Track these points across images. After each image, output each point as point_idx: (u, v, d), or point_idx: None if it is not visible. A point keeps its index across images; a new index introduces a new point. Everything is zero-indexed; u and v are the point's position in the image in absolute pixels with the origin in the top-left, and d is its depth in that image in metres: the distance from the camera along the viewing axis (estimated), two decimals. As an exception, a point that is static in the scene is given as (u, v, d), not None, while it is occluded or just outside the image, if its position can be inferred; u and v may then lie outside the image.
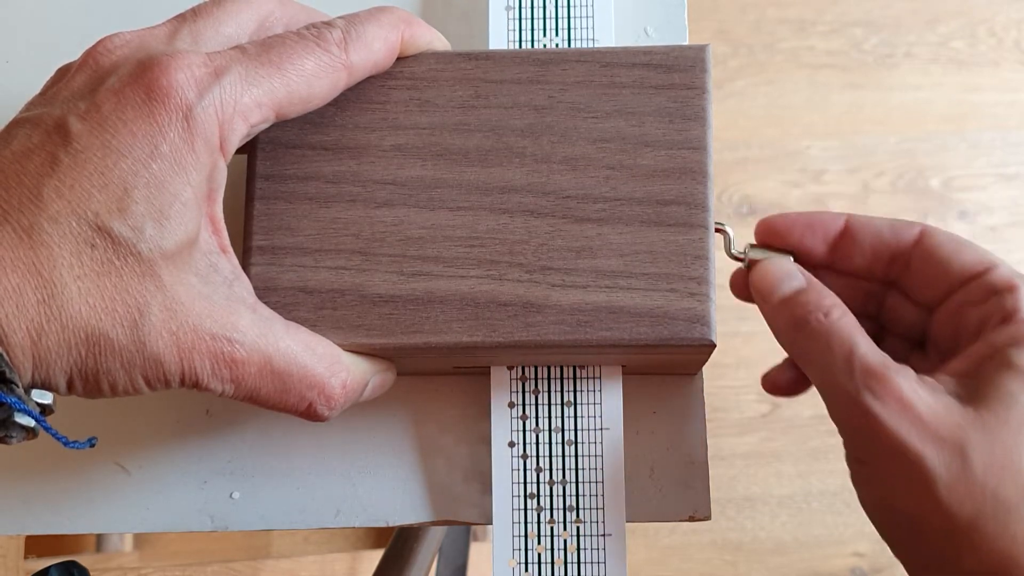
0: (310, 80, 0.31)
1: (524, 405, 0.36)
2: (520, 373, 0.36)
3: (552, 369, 0.36)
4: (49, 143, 0.28)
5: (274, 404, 0.31)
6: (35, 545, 0.81)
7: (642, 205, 0.34)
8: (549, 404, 0.36)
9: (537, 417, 0.36)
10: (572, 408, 0.36)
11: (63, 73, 0.31)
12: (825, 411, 0.32)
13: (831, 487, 1.13)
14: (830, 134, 1.23)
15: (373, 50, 0.33)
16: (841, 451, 0.32)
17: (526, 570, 0.35)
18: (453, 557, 0.83)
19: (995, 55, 1.26)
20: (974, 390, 0.30)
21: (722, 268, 0.34)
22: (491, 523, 0.36)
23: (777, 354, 0.36)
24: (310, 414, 0.32)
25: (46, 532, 0.37)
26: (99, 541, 0.97)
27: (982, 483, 0.28)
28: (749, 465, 1.14)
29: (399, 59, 0.35)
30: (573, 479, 0.35)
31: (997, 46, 1.26)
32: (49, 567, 0.37)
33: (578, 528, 0.35)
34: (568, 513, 0.35)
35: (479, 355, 0.35)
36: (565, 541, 0.35)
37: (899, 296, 0.35)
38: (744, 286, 0.35)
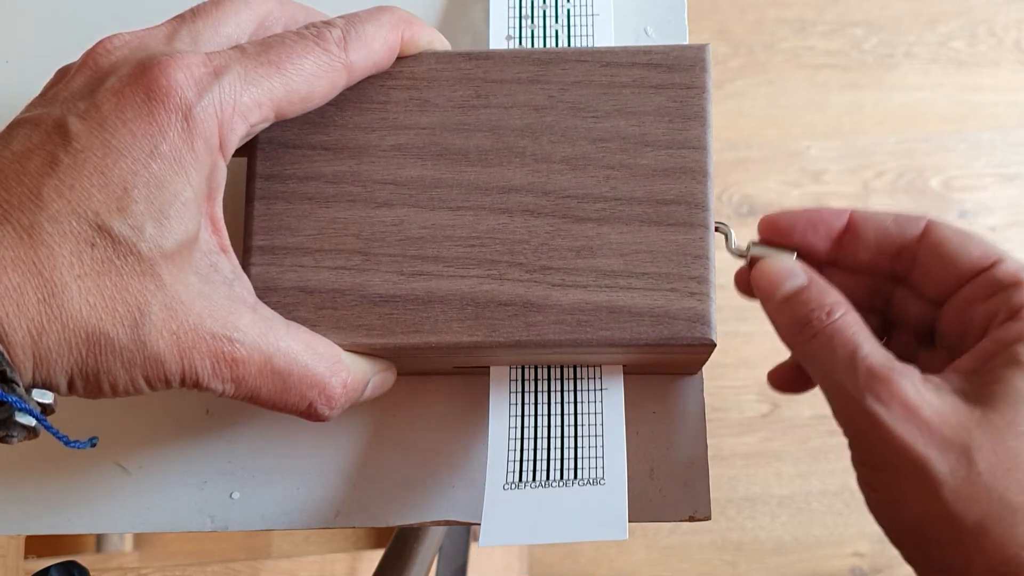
0: (309, 80, 0.31)
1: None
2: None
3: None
4: (49, 143, 0.28)
5: (275, 404, 0.31)
6: (35, 545, 0.81)
7: (642, 205, 0.33)
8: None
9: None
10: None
11: (63, 74, 0.31)
12: (825, 411, 0.31)
13: (831, 487, 1.13)
14: (830, 134, 1.23)
15: (373, 50, 0.33)
16: (841, 451, 0.32)
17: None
18: (453, 557, 0.83)
19: (995, 55, 1.25)
20: (981, 388, 0.29)
21: (722, 268, 0.34)
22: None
23: (778, 354, 0.35)
24: (311, 414, 0.32)
25: (46, 532, 0.37)
26: (99, 541, 0.97)
27: (988, 486, 0.28)
28: (749, 465, 1.14)
29: (399, 59, 0.35)
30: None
31: (997, 46, 1.26)
32: (49, 567, 0.37)
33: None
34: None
35: (479, 355, 0.34)
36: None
37: (906, 291, 0.34)
38: (748, 283, 0.35)
